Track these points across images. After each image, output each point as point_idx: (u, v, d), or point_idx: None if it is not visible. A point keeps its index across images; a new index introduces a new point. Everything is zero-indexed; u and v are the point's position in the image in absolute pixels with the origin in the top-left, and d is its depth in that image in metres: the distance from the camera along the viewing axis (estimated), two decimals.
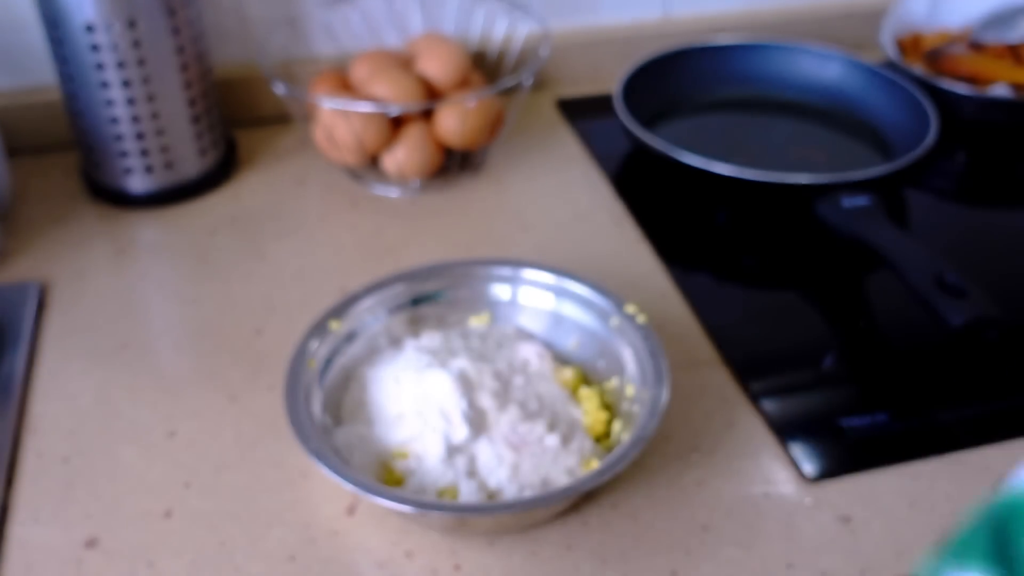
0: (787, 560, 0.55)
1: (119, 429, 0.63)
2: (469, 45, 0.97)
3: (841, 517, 0.57)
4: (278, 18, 0.91)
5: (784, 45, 0.98)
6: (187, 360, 0.69)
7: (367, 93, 0.83)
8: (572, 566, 0.54)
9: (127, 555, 0.55)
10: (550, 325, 0.66)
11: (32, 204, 0.85)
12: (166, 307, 0.74)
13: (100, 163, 0.83)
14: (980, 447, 0.61)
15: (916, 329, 0.71)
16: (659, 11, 1.05)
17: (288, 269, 0.77)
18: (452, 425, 0.56)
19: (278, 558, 0.55)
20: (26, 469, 0.60)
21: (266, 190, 0.87)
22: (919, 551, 0.55)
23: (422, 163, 0.84)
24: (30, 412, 0.64)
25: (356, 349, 0.63)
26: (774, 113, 0.97)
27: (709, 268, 0.79)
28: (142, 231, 0.82)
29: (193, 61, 0.81)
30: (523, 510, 0.53)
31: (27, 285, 0.74)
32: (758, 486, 0.59)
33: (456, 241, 0.81)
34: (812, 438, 0.62)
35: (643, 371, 0.59)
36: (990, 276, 0.73)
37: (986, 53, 0.96)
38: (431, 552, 0.55)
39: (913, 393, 0.66)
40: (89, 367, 0.68)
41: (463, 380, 0.57)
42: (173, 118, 0.82)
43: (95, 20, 0.75)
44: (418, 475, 0.56)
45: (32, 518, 0.57)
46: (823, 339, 0.71)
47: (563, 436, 0.57)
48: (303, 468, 0.60)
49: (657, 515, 0.57)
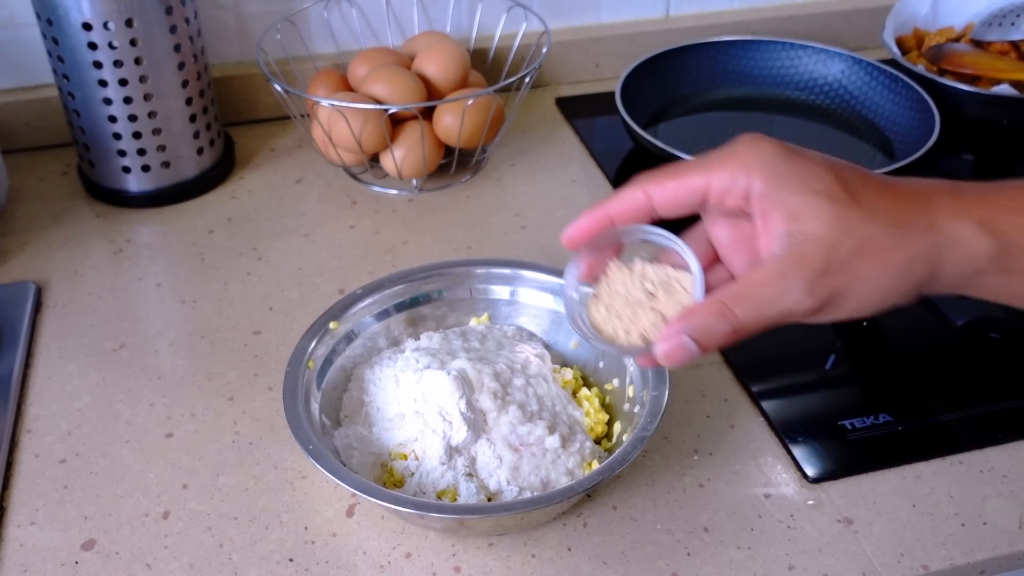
0: (788, 562, 0.54)
1: (116, 430, 0.63)
2: (468, 43, 0.96)
3: (843, 518, 0.57)
4: (276, 16, 0.91)
5: (786, 43, 0.98)
6: (185, 361, 0.69)
7: (366, 92, 0.83)
8: (572, 567, 0.54)
9: (125, 557, 0.55)
10: (550, 325, 0.65)
11: (29, 203, 0.85)
12: (164, 307, 0.74)
13: (97, 162, 0.82)
14: (982, 448, 0.61)
15: (918, 329, 0.71)
16: (661, 10, 1.05)
17: (286, 269, 0.77)
18: (452, 426, 0.55)
19: (277, 560, 0.55)
20: (23, 471, 0.60)
21: (264, 189, 0.87)
22: (921, 552, 0.55)
23: (421, 162, 0.83)
24: (27, 413, 0.64)
25: (355, 350, 0.63)
26: (775, 111, 0.97)
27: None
28: (139, 230, 0.82)
29: (191, 60, 0.81)
30: (523, 511, 0.52)
31: (24, 285, 0.74)
32: (759, 487, 0.59)
33: (455, 241, 0.80)
34: (814, 439, 0.62)
35: (643, 371, 0.58)
36: None
37: (988, 51, 0.95)
38: (430, 553, 0.55)
39: (915, 394, 0.66)
40: (86, 368, 0.68)
41: (462, 381, 0.56)
42: (170, 117, 0.81)
43: (92, 18, 0.74)
44: (417, 476, 0.55)
45: (29, 520, 0.57)
46: (825, 339, 0.71)
47: (563, 437, 0.56)
48: (302, 469, 0.60)
49: (658, 516, 0.57)
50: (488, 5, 0.96)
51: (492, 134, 0.86)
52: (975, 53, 0.95)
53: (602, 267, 0.47)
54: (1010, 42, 0.95)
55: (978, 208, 0.40)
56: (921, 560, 0.54)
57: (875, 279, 0.40)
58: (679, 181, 0.43)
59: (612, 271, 0.48)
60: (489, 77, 0.95)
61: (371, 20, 0.96)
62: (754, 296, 0.40)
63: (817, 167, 0.41)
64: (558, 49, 1.01)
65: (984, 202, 0.40)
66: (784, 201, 0.40)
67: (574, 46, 1.02)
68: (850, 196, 0.40)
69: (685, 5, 1.05)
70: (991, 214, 0.40)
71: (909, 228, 0.40)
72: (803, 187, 0.40)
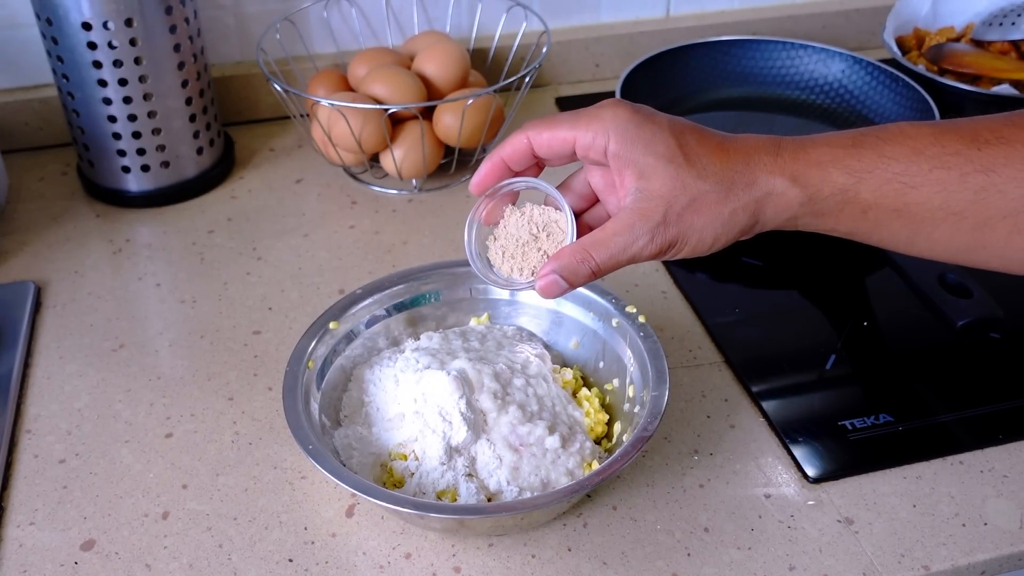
0: (789, 562, 0.54)
1: (116, 430, 0.63)
2: (468, 43, 0.96)
3: (843, 518, 0.57)
4: (276, 16, 0.91)
5: (786, 43, 0.98)
6: (184, 361, 0.68)
7: (366, 92, 0.83)
8: (572, 568, 0.54)
9: (124, 557, 0.55)
10: (550, 326, 0.65)
11: (28, 203, 0.85)
12: (163, 307, 0.74)
13: (97, 162, 0.82)
14: (983, 448, 0.61)
15: (919, 329, 0.71)
16: (661, 9, 1.04)
17: (286, 269, 0.77)
18: (451, 426, 0.55)
19: (276, 560, 0.55)
20: (22, 471, 0.60)
21: (264, 189, 0.87)
22: (921, 552, 0.55)
23: (421, 162, 0.83)
24: (26, 413, 0.64)
25: (355, 350, 0.63)
26: (775, 111, 0.96)
27: (710, 268, 0.78)
28: (139, 230, 0.82)
29: (190, 59, 0.81)
30: (523, 512, 0.52)
31: (23, 285, 0.74)
32: (760, 487, 0.59)
33: (455, 241, 0.80)
34: (814, 439, 0.62)
35: (644, 372, 0.58)
36: (992, 275, 0.72)
37: (989, 50, 0.95)
38: (430, 554, 0.55)
39: (915, 394, 0.66)
40: (86, 368, 0.68)
41: (462, 381, 0.56)
42: (170, 117, 0.81)
43: (92, 18, 0.74)
44: (417, 476, 0.55)
45: (28, 520, 0.57)
46: (825, 339, 0.71)
47: (563, 437, 0.56)
48: (301, 469, 0.60)
49: (658, 517, 0.57)
50: (488, 5, 0.96)
51: (492, 134, 0.86)
52: (975, 53, 0.95)
53: (500, 212, 0.54)
54: (1010, 42, 0.95)
55: (791, 164, 0.47)
56: (922, 560, 0.54)
57: (705, 229, 0.48)
58: (553, 132, 0.49)
59: (507, 216, 0.53)
60: (489, 77, 0.94)
61: (371, 20, 0.96)
62: (609, 243, 0.48)
63: (662, 132, 0.48)
64: (558, 49, 1.01)
65: (796, 159, 0.47)
66: (635, 161, 0.48)
67: (574, 46, 1.02)
68: (686, 158, 0.48)
69: (685, 5, 1.05)
70: (800, 169, 0.47)
71: (733, 185, 0.47)
72: (649, 150, 0.47)
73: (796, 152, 0.48)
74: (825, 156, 0.47)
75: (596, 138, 0.48)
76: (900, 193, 0.46)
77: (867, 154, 0.47)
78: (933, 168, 0.46)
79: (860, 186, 0.47)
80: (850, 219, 0.48)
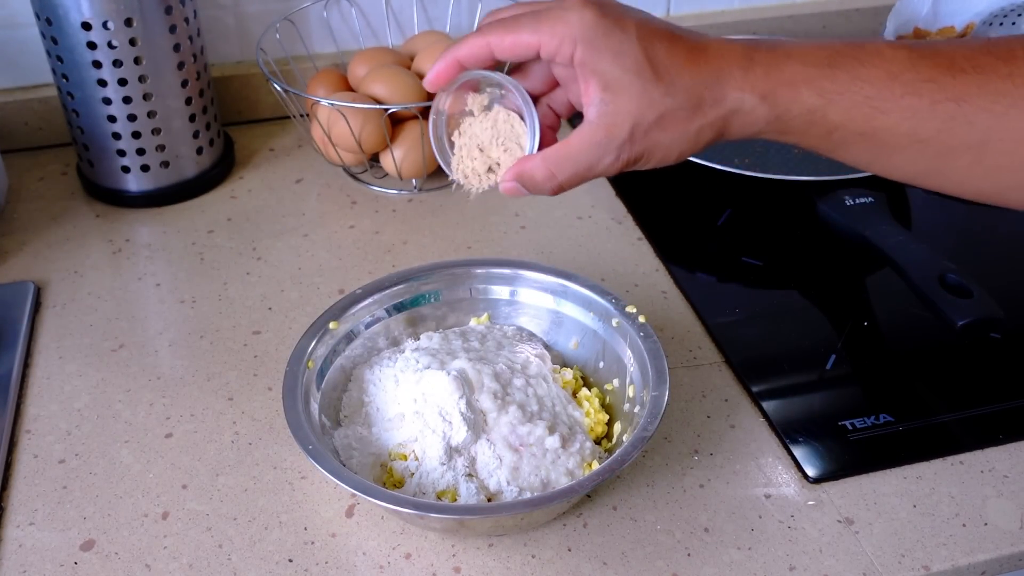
0: (789, 562, 0.54)
1: (116, 431, 0.63)
2: None
3: (843, 519, 0.57)
4: (276, 16, 0.91)
5: None
6: (184, 361, 0.68)
7: (365, 92, 0.83)
8: (572, 568, 0.54)
9: (124, 558, 0.55)
10: (550, 326, 0.65)
11: (28, 203, 0.85)
12: (163, 307, 0.74)
13: (96, 162, 0.82)
14: (983, 448, 0.61)
15: (918, 329, 0.71)
16: (662, 9, 1.04)
17: (286, 269, 0.77)
18: (451, 426, 0.55)
19: (276, 560, 0.54)
20: (22, 471, 0.60)
21: (264, 189, 0.87)
22: (922, 553, 0.55)
23: (421, 162, 0.83)
24: (26, 414, 0.64)
25: (355, 350, 0.63)
26: None
27: (710, 268, 0.78)
28: (139, 230, 0.82)
29: (190, 59, 0.81)
30: (523, 512, 0.52)
31: (23, 285, 0.74)
32: (760, 488, 0.59)
33: (455, 241, 0.80)
34: (814, 439, 0.62)
35: (644, 372, 0.58)
36: (993, 276, 0.73)
37: None
38: (430, 554, 0.55)
39: (915, 394, 0.66)
40: (85, 368, 0.68)
41: (462, 381, 0.56)
42: (170, 117, 0.81)
43: (92, 18, 0.74)
44: (417, 476, 0.55)
45: (28, 520, 0.57)
46: (825, 339, 0.71)
47: (563, 438, 0.56)
48: (301, 470, 0.60)
49: (658, 517, 0.57)
50: (488, 5, 0.96)
51: None
52: None
53: (462, 103, 0.54)
54: None
55: (762, 82, 0.47)
56: (922, 561, 0.54)
57: (672, 145, 0.48)
58: (516, 37, 0.48)
59: (474, 112, 0.53)
60: None
61: (371, 20, 0.96)
62: (574, 159, 0.48)
63: (630, 41, 0.46)
64: None
65: (768, 76, 0.47)
66: (602, 71, 0.46)
67: None
68: (655, 72, 0.46)
69: (685, 5, 1.05)
70: (771, 87, 0.46)
71: (702, 102, 0.47)
72: (616, 63, 0.46)
73: (768, 68, 0.47)
74: (798, 75, 0.46)
75: (562, 45, 0.47)
76: (869, 117, 0.46)
77: (841, 76, 0.46)
78: (905, 94, 0.45)
79: (829, 108, 0.46)
80: (815, 138, 0.48)
